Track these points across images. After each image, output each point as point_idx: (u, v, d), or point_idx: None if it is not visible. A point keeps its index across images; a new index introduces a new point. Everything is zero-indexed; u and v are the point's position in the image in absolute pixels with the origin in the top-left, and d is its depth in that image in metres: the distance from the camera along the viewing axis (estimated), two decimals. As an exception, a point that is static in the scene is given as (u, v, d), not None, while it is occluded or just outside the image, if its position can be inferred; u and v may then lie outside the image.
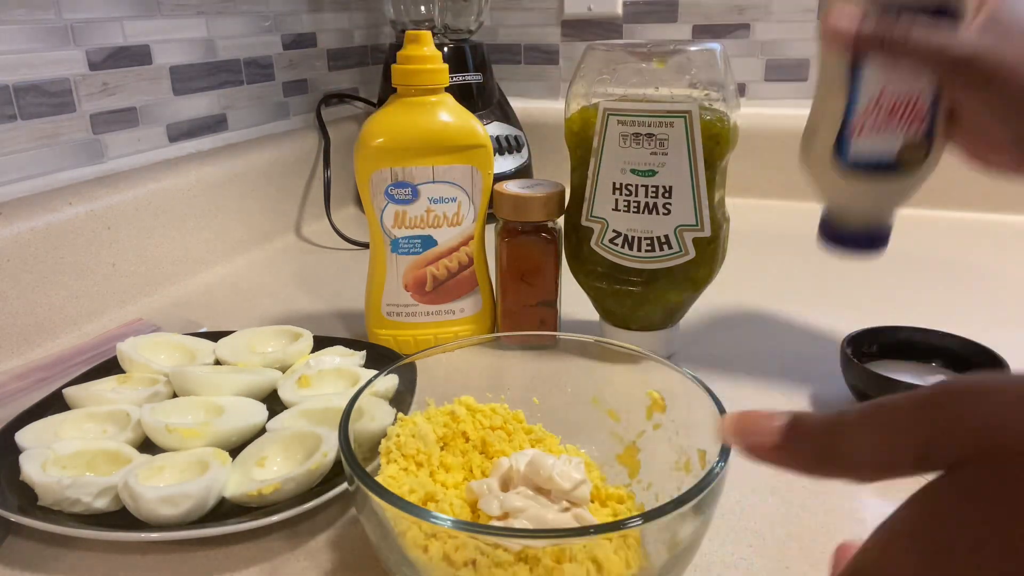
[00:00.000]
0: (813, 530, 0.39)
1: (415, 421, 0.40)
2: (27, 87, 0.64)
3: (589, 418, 0.42)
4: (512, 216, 0.55)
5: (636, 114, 0.50)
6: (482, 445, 0.41)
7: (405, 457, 0.39)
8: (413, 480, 0.37)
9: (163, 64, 0.77)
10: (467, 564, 0.30)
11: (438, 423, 0.41)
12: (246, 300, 0.71)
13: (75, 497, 0.38)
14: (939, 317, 0.55)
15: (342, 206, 1.00)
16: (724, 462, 0.31)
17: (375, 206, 0.55)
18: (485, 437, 0.41)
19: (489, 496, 0.36)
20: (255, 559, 0.38)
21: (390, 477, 0.37)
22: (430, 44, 0.54)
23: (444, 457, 0.39)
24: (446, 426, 0.41)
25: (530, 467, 0.36)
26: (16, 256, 0.59)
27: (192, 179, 0.75)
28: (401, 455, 0.38)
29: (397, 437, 0.39)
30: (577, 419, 0.43)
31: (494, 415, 0.42)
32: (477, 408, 0.42)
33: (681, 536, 0.31)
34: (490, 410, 0.42)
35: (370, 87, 1.13)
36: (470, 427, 0.41)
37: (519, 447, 0.41)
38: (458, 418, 0.41)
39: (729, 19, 1.01)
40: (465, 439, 0.41)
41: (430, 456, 0.39)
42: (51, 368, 0.55)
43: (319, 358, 0.53)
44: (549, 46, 1.10)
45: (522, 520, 0.34)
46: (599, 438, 0.42)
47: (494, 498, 0.36)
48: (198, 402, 0.48)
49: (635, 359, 0.41)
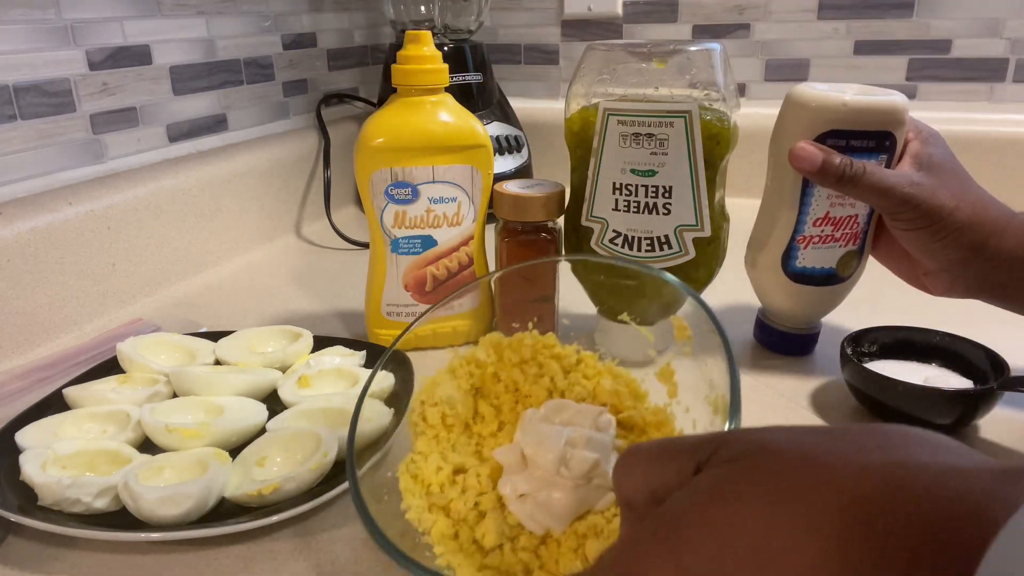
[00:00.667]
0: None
1: (437, 383, 0.40)
2: (27, 87, 0.64)
3: (623, 333, 0.41)
4: (512, 216, 0.55)
5: (636, 114, 0.50)
6: (514, 385, 0.40)
7: (432, 426, 0.38)
8: (440, 455, 0.37)
9: (163, 64, 0.77)
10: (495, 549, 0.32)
11: (464, 373, 0.40)
12: (246, 300, 0.71)
13: (75, 497, 0.38)
14: (939, 317, 0.55)
15: (342, 206, 1.00)
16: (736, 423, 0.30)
17: (375, 206, 0.55)
18: (515, 376, 0.40)
19: (504, 479, 0.36)
20: (255, 559, 0.38)
21: (418, 453, 0.38)
22: (430, 44, 0.54)
23: (480, 405, 0.39)
24: (472, 375, 0.40)
25: (537, 456, 0.35)
26: (16, 256, 0.59)
27: (192, 179, 0.75)
28: (428, 425, 0.38)
29: (422, 404, 0.39)
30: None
31: (522, 347, 0.40)
32: (502, 343, 0.41)
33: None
34: (517, 341, 0.41)
35: (370, 87, 1.13)
36: (499, 367, 0.40)
37: (552, 382, 0.39)
38: (483, 364, 0.40)
39: (729, 19, 1.01)
40: (497, 380, 0.40)
41: (459, 413, 0.39)
42: (51, 368, 0.55)
43: (319, 358, 0.53)
44: (549, 46, 1.10)
45: (530, 504, 0.34)
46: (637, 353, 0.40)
47: (508, 480, 0.36)
48: (198, 402, 0.48)
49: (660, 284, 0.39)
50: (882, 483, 0.18)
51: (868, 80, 0.96)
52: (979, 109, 0.93)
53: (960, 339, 0.50)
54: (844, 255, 0.52)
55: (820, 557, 0.18)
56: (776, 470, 0.20)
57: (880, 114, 0.47)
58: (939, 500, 0.17)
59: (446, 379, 0.40)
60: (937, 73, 0.94)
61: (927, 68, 0.94)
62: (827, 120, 0.48)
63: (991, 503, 0.16)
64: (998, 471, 0.18)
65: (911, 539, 0.17)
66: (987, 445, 0.46)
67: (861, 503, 0.18)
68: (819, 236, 0.51)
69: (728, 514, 0.20)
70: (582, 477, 0.34)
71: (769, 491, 0.20)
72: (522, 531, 0.34)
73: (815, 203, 0.50)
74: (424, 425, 0.39)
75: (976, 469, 0.18)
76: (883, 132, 0.47)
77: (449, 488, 0.37)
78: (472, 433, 0.39)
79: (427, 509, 0.36)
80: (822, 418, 0.49)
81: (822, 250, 0.52)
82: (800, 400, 0.51)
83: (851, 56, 0.97)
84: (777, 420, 0.49)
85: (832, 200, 0.50)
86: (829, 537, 0.18)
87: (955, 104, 0.94)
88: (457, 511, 0.36)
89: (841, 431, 0.21)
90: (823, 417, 0.49)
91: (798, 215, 0.51)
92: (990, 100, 0.93)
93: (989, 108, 0.93)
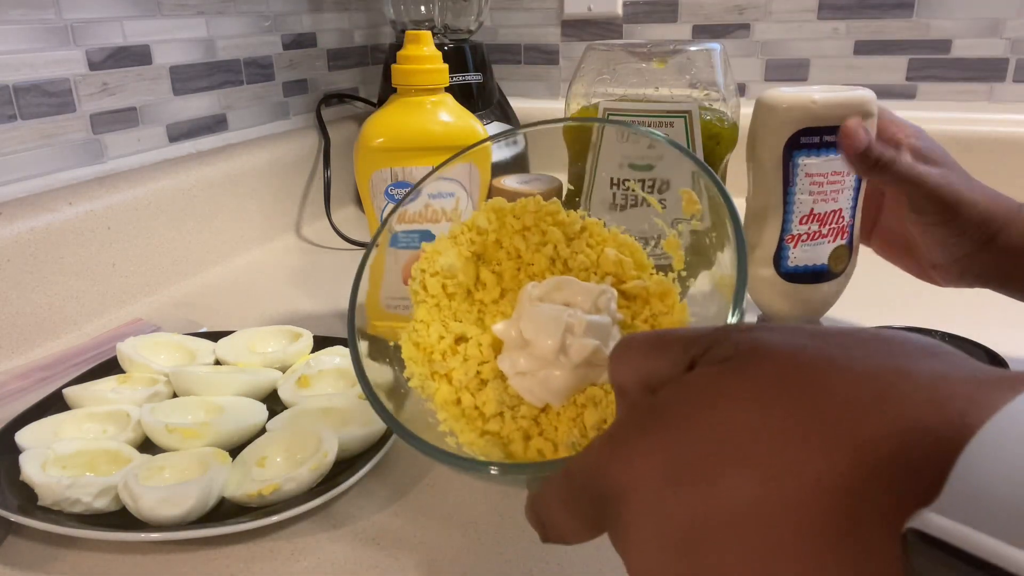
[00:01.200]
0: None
1: (438, 250, 0.39)
2: (27, 87, 0.64)
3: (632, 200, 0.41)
4: (512, 215, 0.55)
5: (636, 114, 0.50)
6: (516, 252, 0.39)
7: (432, 296, 0.38)
8: (441, 324, 0.37)
9: (163, 64, 0.77)
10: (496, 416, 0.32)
11: (465, 240, 0.39)
12: (246, 300, 0.71)
13: (75, 497, 0.38)
14: (939, 317, 0.55)
15: (342, 206, 1.00)
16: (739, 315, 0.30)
17: (375, 206, 0.55)
18: (517, 244, 0.39)
19: (504, 356, 0.36)
20: (255, 559, 0.38)
21: (420, 321, 0.38)
22: (430, 44, 0.54)
23: (482, 271, 0.39)
24: (473, 242, 0.39)
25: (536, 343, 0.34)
26: (16, 256, 0.59)
27: (192, 179, 0.75)
28: (429, 294, 0.38)
29: (422, 273, 0.39)
30: (620, 201, 0.41)
31: (524, 213, 0.39)
32: (505, 209, 0.40)
33: None
34: (520, 207, 0.39)
35: (370, 87, 1.13)
36: (502, 235, 0.39)
37: (555, 250, 0.39)
38: (484, 231, 0.39)
39: (729, 19, 1.01)
40: (499, 246, 0.39)
41: (461, 281, 0.38)
42: (51, 368, 0.55)
43: (319, 358, 0.53)
44: (549, 46, 1.10)
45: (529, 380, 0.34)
46: (643, 222, 0.39)
47: (507, 357, 0.35)
48: (198, 402, 0.48)
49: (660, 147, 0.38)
50: (870, 390, 0.18)
51: (868, 80, 0.96)
52: (979, 109, 0.93)
53: (960, 339, 0.50)
54: (834, 250, 0.53)
55: (805, 459, 0.18)
56: (768, 374, 0.20)
57: (850, 108, 0.48)
58: (922, 405, 0.17)
59: (447, 246, 0.39)
60: (937, 73, 0.94)
61: (927, 68, 0.94)
62: (799, 119, 0.49)
63: (971, 408, 0.17)
64: (984, 378, 0.18)
65: (891, 444, 0.17)
66: (987, 445, 0.46)
67: (847, 408, 0.18)
68: (807, 233, 0.52)
69: (718, 413, 0.20)
70: (582, 362, 0.34)
71: (760, 395, 0.20)
72: (522, 401, 0.34)
73: (798, 201, 0.51)
74: (424, 294, 0.39)
75: (965, 377, 0.18)
76: None
77: (451, 357, 0.37)
78: (474, 300, 0.39)
79: (430, 377, 0.36)
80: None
81: (812, 247, 0.52)
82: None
83: (851, 56, 0.97)
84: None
85: (815, 196, 0.51)
86: (813, 444, 0.18)
87: (955, 104, 0.94)
88: (459, 379, 0.36)
89: (839, 337, 0.21)
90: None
91: (783, 215, 0.52)
92: (990, 100, 0.93)
93: (989, 108, 0.93)
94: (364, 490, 0.43)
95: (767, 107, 0.50)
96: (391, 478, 0.44)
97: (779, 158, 0.50)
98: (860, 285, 0.55)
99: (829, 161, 0.50)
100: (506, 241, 0.39)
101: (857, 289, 0.55)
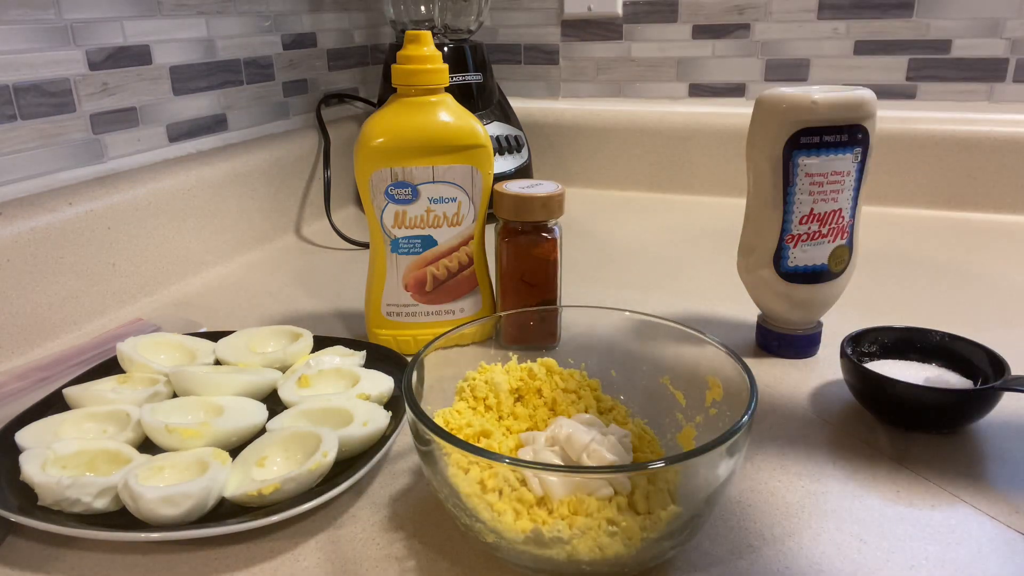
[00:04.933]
0: (813, 530, 0.39)
1: (493, 370, 0.44)
2: (27, 87, 0.64)
3: (662, 395, 0.44)
4: (512, 216, 0.55)
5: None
6: (552, 403, 0.44)
7: (476, 399, 0.43)
8: (473, 417, 0.41)
9: (163, 64, 0.77)
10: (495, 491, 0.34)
11: (515, 376, 0.44)
12: (246, 300, 0.71)
13: (75, 497, 0.38)
14: (939, 317, 0.55)
15: (342, 206, 1.00)
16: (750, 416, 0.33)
17: (375, 206, 0.55)
18: (556, 397, 0.44)
19: (527, 448, 0.39)
20: (255, 559, 0.38)
21: (456, 411, 0.41)
22: (430, 44, 0.54)
23: (517, 408, 0.43)
24: (522, 380, 0.44)
25: (567, 442, 0.39)
26: (16, 256, 0.59)
27: (192, 179, 0.75)
28: (472, 396, 0.43)
29: (473, 379, 0.43)
30: (650, 393, 0.45)
31: (570, 379, 0.45)
32: (555, 370, 0.45)
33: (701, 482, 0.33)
34: (568, 374, 0.45)
35: (370, 87, 1.13)
36: (545, 386, 0.44)
37: (586, 412, 0.43)
38: (536, 376, 0.44)
39: (729, 19, 1.01)
40: (539, 395, 0.44)
41: (500, 402, 0.43)
42: (51, 368, 0.55)
43: (319, 358, 0.53)
44: (549, 46, 1.10)
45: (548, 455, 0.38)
46: (665, 416, 0.44)
47: (530, 449, 0.39)
48: (198, 402, 0.48)
49: (701, 343, 0.42)
50: None
51: (868, 80, 0.96)
52: (979, 109, 0.93)
53: (960, 339, 0.50)
54: (834, 250, 0.53)
55: None
56: None
57: (850, 108, 0.48)
58: None
59: (499, 372, 0.44)
60: (937, 73, 0.94)
61: (927, 68, 0.94)
62: (799, 120, 0.49)
63: None
64: None
65: None
66: (987, 445, 0.46)
67: None
68: (807, 233, 0.52)
69: None
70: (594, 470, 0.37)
71: None
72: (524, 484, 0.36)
73: (798, 201, 0.51)
74: (468, 393, 0.43)
75: None
76: (855, 126, 0.49)
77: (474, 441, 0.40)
78: (503, 425, 0.43)
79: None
80: (823, 418, 0.49)
81: (812, 247, 0.52)
82: (800, 400, 0.51)
83: (851, 56, 0.97)
84: (778, 420, 0.49)
85: (815, 196, 0.51)
86: None
87: (955, 104, 0.94)
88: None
89: None
90: (824, 417, 0.49)
91: (783, 215, 0.52)
92: (990, 100, 0.93)
93: (989, 108, 0.93)
94: (364, 490, 0.43)
95: (768, 106, 0.50)
96: (391, 478, 0.44)
97: (779, 158, 0.50)
98: (860, 285, 0.55)
99: (829, 161, 0.50)
100: (547, 392, 0.44)
101: (857, 289, 0.55)
